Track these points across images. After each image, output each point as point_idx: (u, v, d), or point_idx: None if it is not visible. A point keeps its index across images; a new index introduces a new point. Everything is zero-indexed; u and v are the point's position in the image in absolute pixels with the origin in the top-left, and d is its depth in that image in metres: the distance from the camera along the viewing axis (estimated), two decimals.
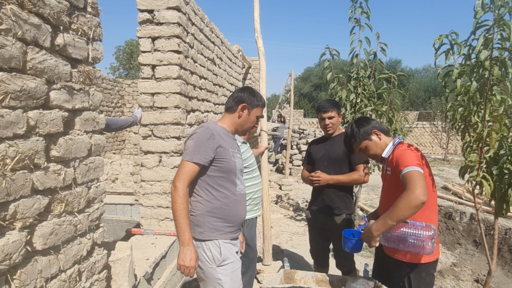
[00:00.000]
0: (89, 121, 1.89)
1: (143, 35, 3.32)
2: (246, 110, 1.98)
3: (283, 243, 5.17)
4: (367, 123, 2.20)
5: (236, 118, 1.99)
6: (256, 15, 3.66)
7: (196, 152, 1.79)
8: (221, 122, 2.01)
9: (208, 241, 1.86)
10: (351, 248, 2.13)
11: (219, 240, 1.87)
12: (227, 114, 2.02)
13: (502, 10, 1.64)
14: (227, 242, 1.90)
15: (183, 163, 1.81)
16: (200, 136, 1.83)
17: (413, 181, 1.77)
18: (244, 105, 1.97)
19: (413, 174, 1.80)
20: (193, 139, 1.84)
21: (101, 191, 2.02)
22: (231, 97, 2.01)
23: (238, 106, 1.97)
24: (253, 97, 1.99)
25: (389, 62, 31.67)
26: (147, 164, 3.45)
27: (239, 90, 2.03)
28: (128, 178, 7.93)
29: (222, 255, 1.85)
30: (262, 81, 3.73)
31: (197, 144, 1.81)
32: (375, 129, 2.17)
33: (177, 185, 1.77)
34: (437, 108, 16.04)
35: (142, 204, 3.53)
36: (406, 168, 1.84)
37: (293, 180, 9.64)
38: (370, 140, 2.16)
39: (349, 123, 2.32)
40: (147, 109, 3.40)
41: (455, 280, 4.08)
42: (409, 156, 1.90)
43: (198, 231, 1.87)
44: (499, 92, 1.80)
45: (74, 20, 1.75)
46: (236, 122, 2.00)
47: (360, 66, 4.35)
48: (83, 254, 1.88)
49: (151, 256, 2.92)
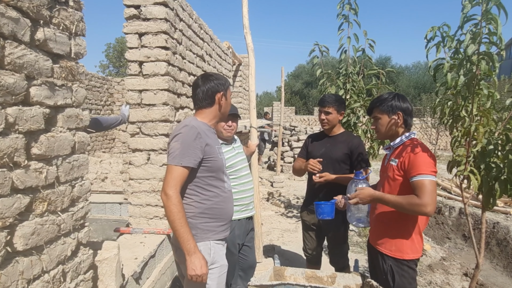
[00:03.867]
0: (72, 118, 1.84)
1: (130, 31, 3.26)
2: (224, 97, 1.91)
3: (274, 240, 5.17)
4: (403, 102, 2.07)
5: (217, 110, 1.91)
6: (245, 11, 3.62)
7: (184, 154, 1.69)
8: (201, 117, 1.90)
9: (199, 243, 1.80)
10: (322, 213, 2.39)
11: (211, 240, 1.83)
12: (204, 110, 1.91)
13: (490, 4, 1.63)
14: (218, 242, 1.87)
15: (171, 168, 1.69)
16: (186, 137, 1.71)
17: (427, 192, 1.79)
18: (222, 94, 1.89)
19: (427, 184, 1.80)
20: (178, 140, 1.72)
21: (85, 189, 1.98)
22: (199, 93, 1.88)
23: (215, 98, 1.88)
24: (220, 80, 1.90)
25: (379, 59, 31.90)
26: (135, 162, 3.40)
27: (201, 83, 1.89)
28: (117, 177, 7.85)
29: (212, 257, 1.82)
30: (251, 78, 3.70)
31: (184, 145, 1.70)
32: (402, 112, 2.05)
33: (169, 193, 1.65)
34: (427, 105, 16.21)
35: (130, 202, 3.48)
36: (420, 176, 1.83)
37: (285, 177, 9.65)
38: (389, 117, 2.07)
39: (392, 92, 2.20)
40: (135, 106, 3.35)
41: (444, 274, 4.12)
42: (424, 162, 1.86)
43: None
44: (486, 86, 1.80)
45: (55, 14, 1.70)
46: (218, 113, 1.93)
47: (349, 62, 4.35)
48: (67, 254, 1.84)
49: (140, 255, 2.88)
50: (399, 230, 2.05)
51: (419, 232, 2.06)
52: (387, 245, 2.09)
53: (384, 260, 2.09)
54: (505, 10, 1.60)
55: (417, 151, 1.91)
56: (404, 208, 1.87)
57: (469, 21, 1.74)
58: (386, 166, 2.16)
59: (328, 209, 2.42)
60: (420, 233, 2.08)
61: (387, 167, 2.12)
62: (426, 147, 1.95)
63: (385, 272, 2.08)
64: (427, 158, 1.88)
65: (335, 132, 2.87)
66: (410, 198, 1.82)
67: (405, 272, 2.04)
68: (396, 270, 2.04)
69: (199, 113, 1.91)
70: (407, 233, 2.04)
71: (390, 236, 2.08)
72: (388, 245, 2.08)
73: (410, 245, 2.04)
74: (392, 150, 2.13)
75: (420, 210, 1.80)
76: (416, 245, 2.06)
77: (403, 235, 2.04)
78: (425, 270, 4.22)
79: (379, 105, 2.10)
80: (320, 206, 2.43)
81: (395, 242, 2.06)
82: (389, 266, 2.06)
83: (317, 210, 2.46)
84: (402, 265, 2.04)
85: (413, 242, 2.05)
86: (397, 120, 2.06)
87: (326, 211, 2.41)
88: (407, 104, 2.08)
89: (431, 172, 1.84)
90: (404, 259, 2.04)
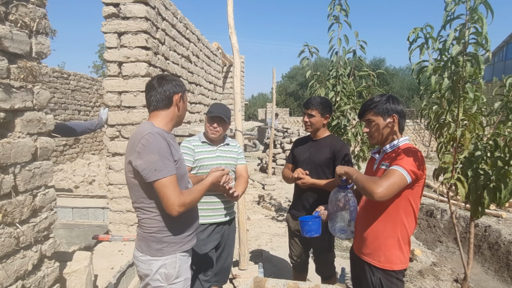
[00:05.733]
0: (34, 122, 1.71)
1: (109, 30, 3.14)
2: (181, 99, 1.79)
3: (263, 245, 5.05)
4: (397, 104, 1.96)
5: (176, 112, 1.78)
6: (230, 10, 3.51)
7: (167, 165, 1.58)
8: (157, 122, 1.74)
9: (165, 257, 1.69)
10: (310, 230, 2.19)
11: (177, 253, 1.72)
12: (160, 112, 1.75)
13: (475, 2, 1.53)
14: (184, 254, 1.76)
15: (164, 182, 1.55)
16: (160, 146, 1.59)
17: (389, 179, 1.71)
18: (180, 95, 1.77)
19: (395, 173, 1.72)
20: (153, 152, 1.57)
21: (50, 198, 1.85)
22: (155, 94, 1.74)
23: (173, 99, 1.75)
24: (178, 82, 1.79)
25: (373, 61, 31.94)
26: (115, 167, 3.27)
27: (157, 84, 1.76)
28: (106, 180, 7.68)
29: (177, 270, 1.70)
30: (236, 79, 3.59)
31: (163, 156, 1.58)
32: (397, 114, 1.94)
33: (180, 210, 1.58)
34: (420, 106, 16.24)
35: (110, 209, 3.35)
36: (395, 166, 1.76)
37: (277, 179, 9.54)
38: (384, 120, 1.95)
39: (384, 94, 2.08)
40: (114, 109, 3.23)
41: (435, 280, 4.03)
42: (409, 160, 1.78)
43: (155, 248, 1.69)
44: (472, 89, 1.70)
45: (12, 10, 1.58)
46: (175, 116, 1.79)
47: (339, 64, 4.25)
48: (28, 269, 1.71)
49: (117, 265, 2.76)
50: (388, 239, 1.94)
51: (408, 241, 1.95)
52: (375, 255, 1.97)
53: (372, 272, 1.97)
54: (491, 9, 1.50)
55: (409, 153, 1.83)
56: (359, 181, 1.82)
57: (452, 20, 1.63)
58: (375, 171, 2.04)
59: (315, 226, 2.21)
60: (409, 242, 1.97)
61: (376, 172, 2.01)
62: (420, 153, 1.86)
63: (373, 285, 1.96)
64: (414, 159, 1.79)
65: (319, 136, 2.77)
66: (369, 185, 1.75)
67: (394, 285, 1.93)
68: (386, 284, 1.92)
69: (154, 116, 1.76)
70: (397, 242, 1.93)
71: (378, 245, 1.96)
72: (376, 256, 1.96)
73: (399, 255, 1.93)
74: (382, 154, 2.02)
75: (371, 189, 1.71)
76: (405, 255, 1.95)
77: (393, 245, 1.93)
78: (416, 276, 4.12)
79: (373, 107, 1.97)
80: (307, 223, 2.20)
81: (384, 252, 1.94)
82: (378, 279, 1.94)
83: (304, 228, 2.22)
84: (391, 277, 1.92)
85: (402, 252, 1.94)
86: (393, 123, 1.95)
87: (314, 228, 2.21)
88: (401, 106, 1.98)
89: (409, 170, 1.74)
90: (394, 270, 1.92)
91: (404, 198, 1.84)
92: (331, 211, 2.14)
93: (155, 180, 1.55)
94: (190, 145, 2.49)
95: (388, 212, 1.90)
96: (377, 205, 1.91)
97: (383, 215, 1.92)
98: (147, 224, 1.69)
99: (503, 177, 1.63)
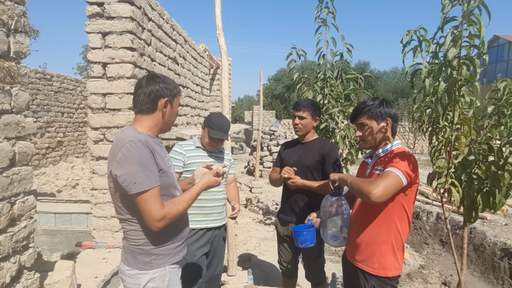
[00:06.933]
0: (11, 126, 1.62)
1: (92, 30, 3.04)
2: (169, 105, 1.65)
3: (251, 249, 4.98)
4: (390, 107, 1.93)
5: (160, 117, 1.64)
6: (218, 11, 3.45)
7: (148, 176, 1.47)
8: (141, 127, 1.62)
9: (153, 270, 1.59)
10: (305, 240, 2.10)
11: (167, 265, 1.62)
12: (144, 116, 1.63)
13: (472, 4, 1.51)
14: (174, 266, 1.67)
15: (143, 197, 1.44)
16: (141, 156, 1.48)
17: (385, 179, 1.68)
18: (166, 100, 1.62)
19: (391, 174, 1.69)
20: (133, 162, 1.46)
21: (29, 206, 1.75)
22: (140, 94, 1.61)
23: (158, 103, 1.61)
24: (168, 85, 1.65)
25: (358, 64, 32.35)
26: (99, 171, 3.16)
27: (145, 83, 1.64)
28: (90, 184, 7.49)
29: (166, 284, 1.61)
30: (224, 81, 3.54)
31: (144, 166, 1.47)
32: (391, 118, 1.91)
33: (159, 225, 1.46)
34: (404, 109, 16.51)
35: (94, 215, 3.24)
36: (391, 168, 1.73)
37: (264, 182, 9.50)
38: (377, 124, 1.91)
39: (376, 97, 2.03)
40: (98, 111, 3.12)
41: (423, 283, 4.05)
42: (403, 162, 1.75)
43: (142, 261, 1.58)
44: (468, 93, 1.69)
45: None
46: (161, 122, 1.65)
47: (327, 66, 4.25)
48: (5, 281, 1.61)
49: (101, 274, 2.65)
50: (382, 245, 1.90)
51: (402, 247, 1.92)
52: (369, 262, 1.93)
53: (366, 279, 1.92)
54: (488, 10, 1.49)
55: (402, 156, 1.81)
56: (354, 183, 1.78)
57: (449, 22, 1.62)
58: (368, 176, 2.00)
59: (310, 236, 2.12)
60: (403, 248, 1.94)
61: (370, 177, 1.96)
62: (413, 157, 1.84)
63: None
64: (408, 163, 1.77)
65: (308, 138, 2.73)
66: (365, 187, 1.70)
67: None
68: None
69: (138, 120, 1.64)
70: (391, 248, 1.89)
71: (372, 252, 1.92)
72: (370, 262, 1.92)
73: (393, 261, 1.89)
74: (375, 158, 1.99)
75: (367, 189, 1.67)
76: (399, 261, 1.92)
77: (387, 251, 1.89)
78: (404, 279, 4.13)
79: (367, 111, 1.93)
80: (301, 234, 2.11)
81: (378, 258, 1.90)
82: (372, 286, 1.91)
83: (298, 238, 2.12)
84: (386, 284, 1.88)
85: (396, 258, 1.90)
86: (386, 127, 1.92)
87: (309, 239, 2.12)
88: (394, 110, 1.96)
89: (404, 172, 1.72)
90: (388, 277, 1.89)
91: (398, 203, 1.82)
92: (323, 218, 2.09)
93: (135, 193, 1.45)
94: (182, 150, 2.42)
95: (382, 217, 1.87)
96: (370, 210, 1.88)
97: (376, 221, 1.88)
98: (133, 236, 1.58)
99: (497, 181, 1.62)
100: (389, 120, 1.90)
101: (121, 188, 1.47)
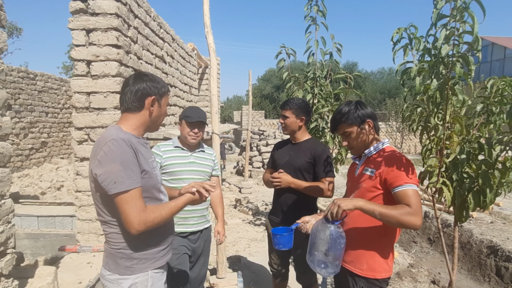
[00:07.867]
0: None
1: (76, 27, 2.94)
2: (156, 103, 1.61)
3: (240, 251, 4.93)
4: (365, 108, 1.92)
5: (147, 116, 1.59)
6: (206, 9, 3.39)
7: (130, 176, 1.41)
8: (126, 126, 1.56)
9: (135, 275, 1.52)
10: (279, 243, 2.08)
11: (149, 270, 1.56)
12: (130, 114, 1.57)
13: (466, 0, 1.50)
14: (157, 271, 1.60)
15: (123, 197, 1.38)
16: (123, 155, 1.42)
17: (414, 202, 1.64)
18: (153, 98, 1.58)
19: (414, 193, 1.67)
20: (114, 161, 1.40)
21: (6, 210, 1.66)
22: (127, 92, 1.57)
23: (145, 102, 1.57)
24: (156, 84, 1.61)
25: (347, 64, 32.62)
26: (83, 172, 3.07)
27: (132, 81, 1.60)
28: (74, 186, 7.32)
29: None
30: (212, 80, 3.48)
31: (126, 166, 1.41)
32: (371, 119, 1.90)
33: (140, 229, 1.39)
34: (392, 109, 16.69)
35: (78, 217, 3.14)
36: (405, 185, 1.69)
37: (253, 182, 9.46)
38: (359, 128, 1.90)
39: (349, 101, 2.02)
40: (83, 110, 3.03)
41: (412, 282, 4.06)
42: (405, 172, 1.72)
43: (123, 265, 1.51)
44: (461, 91, 1.67)
45: None
46: (147, 121, 1.60)
47: (316, 66, 4.22)
48: None
49: (85, 279, 2.56)
50: (370, 246, 1.87)
51: (392, 248, 1.90)
52: (357, 263, 1.90)
53: (355, 280, 1.90)
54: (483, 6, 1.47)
55: (399, 161, 1.77)
56: (393, 224, 1.68)
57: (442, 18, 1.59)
58: (357, 176, 1.97)
59: (285, 240, 2.11)
60: (393, 249, 1.92)
61: (360, 177, 1.94)
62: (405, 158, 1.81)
63: None
64: (411, 169, 1.76)
65: (299, 139, 2.71)
66: (405, 217, 1.63)
67: None
68: None
69: (124, 119, 1.59)
70: (380, 249, 1.87)
71: (361, 253, 1.89)
72: (358, 264, 1.89)
73: (383, 262, 1.87)
74: (364, 158, 1.96)
75: (412, 223, 1.62)
76: (388, 263, 1.89)
77: (376, 252, 1.87)
78: (394, 278, 4.14)
79: (345, 119, 1.92)
80: (276, 236, 2.13)
81: (367, 260, 1.87)
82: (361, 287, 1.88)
83: (273, 240, 2.15)
84: (375, 286, 1.86)
85: (386, 259, 1.88)
86: (369, 128, 1.91)
87: (283, 242, 2.11)
88: (370, 108, 1.95)
89: (417, 183, 1.71)
90: (377, 279, 1.86)
91: (388, 204, 1.79)
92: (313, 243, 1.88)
93: (115, 194, 1.38)
94: (159, 150, 2.36)
95: (371, 218, 1.83)
96: (359, 212, 1.84)
97: (365, 222, 1.86)
98: (114, 239, 1.50)
99: (487, 180, 1.60)
100: (370, 121, 1.89)
101: (101, 188, 1.40)
